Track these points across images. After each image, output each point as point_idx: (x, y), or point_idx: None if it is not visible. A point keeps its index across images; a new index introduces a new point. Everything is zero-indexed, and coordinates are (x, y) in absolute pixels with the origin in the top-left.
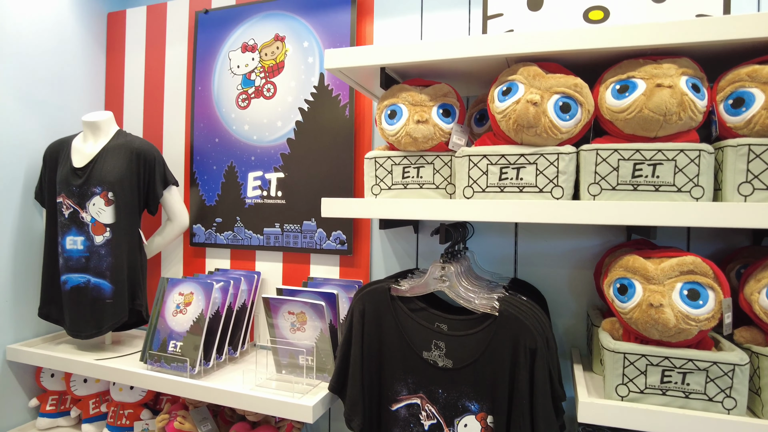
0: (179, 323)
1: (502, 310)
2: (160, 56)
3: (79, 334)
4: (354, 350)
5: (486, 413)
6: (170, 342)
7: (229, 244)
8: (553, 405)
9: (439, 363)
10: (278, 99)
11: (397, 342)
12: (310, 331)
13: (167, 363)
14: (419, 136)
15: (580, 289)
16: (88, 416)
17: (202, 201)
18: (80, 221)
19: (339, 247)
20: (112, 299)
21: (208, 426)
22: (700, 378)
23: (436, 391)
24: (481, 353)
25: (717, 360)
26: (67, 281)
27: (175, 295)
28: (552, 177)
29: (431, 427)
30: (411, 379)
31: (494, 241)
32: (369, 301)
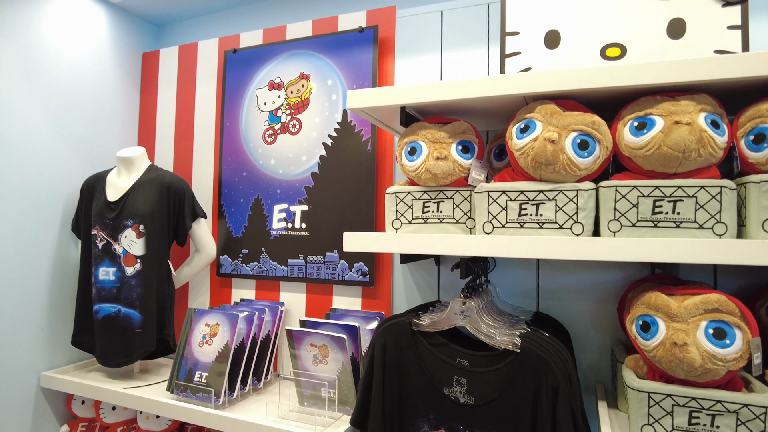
0: (205, 353)
1: (523, 347)
2: (191, 93)
3: (109, 362)
4: (375, 384)
5: None
6: (196, 372)
7: (254, 274)
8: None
9: (460, 399)
10: (303, 134)
11: (418, 377)
12: (333, 363)
13: (193, 393)
14: (439, 172)
15: (604, 324)
16: None
17: (229, 233)
18: (113, 253)
19: (361, 278)
20: (141, 329)
21: None
22: (731, 421)
23: (457, 427)
24: (503, 390)
25: (748, 402)
26: (99, 311)
27: (201, 326)
28: (572, 213)
29: None
30: (433, 415)
31: (516, 274)
32: (390, 335)
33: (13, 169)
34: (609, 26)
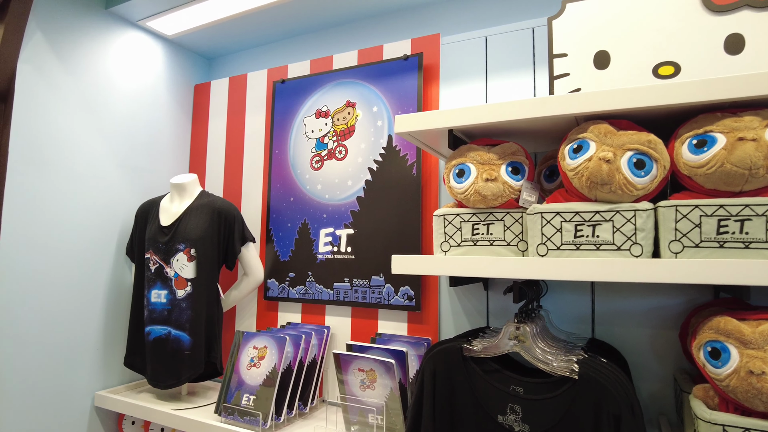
0: (253, 377)
1: (582, 374)
2: (241, 122)
3: (159, 384)
4: (425, 411)
5: None
6: (243, 395)
7: (300, 298)
8: None
9: (515, 428)
10: (349, 160)
11: (470, 404)
12: (380, 389)
13: (240, 416)
14: (488, 194)
15: (665, 351)
16: None
17: (276, 256)
18: (165, 276)
19: (407, 302)
20: (190, 351)
21: None
22: None
23: None
24: (561, 419)
25: None
26: (150, 332)
27: (249, 349)
28: (630, 234)
29: None
30: None
31: (570, 299)
32: (440, 361)
33: (75, 197)
34: (661, 45)
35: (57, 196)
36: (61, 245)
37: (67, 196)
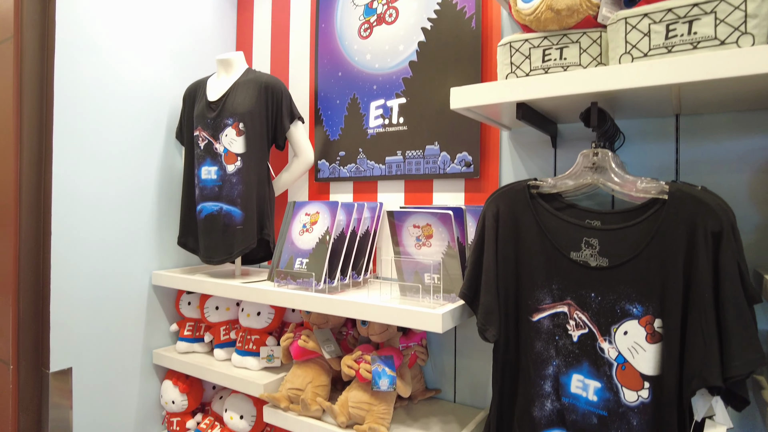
0: (305, 242)
1: (673, 192)
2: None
3: (212, 259)
4: (487, 256)
5: (652, 316)
6: (296, 260)
7: (351, 176)
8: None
9: (591, 263)
10: (400, 23)
11: (538, 244)
12: (437, 245)
13: (293, 279)
14: (562, 7)
15: (766, 197)
16: (220, 342)
17: (326, 136)
18: (214, 152)
19: (464, 169)
20: (242, 225)
21: (332, 347)
22: None
23: (587, 295)
24: (646, 245)
25: None
26: (202, 210)
27: (301, 216)
28: (738, 23)
29: (581, 337)
30: (556, 285)
31: (650, 149)
32: (504, 202)
33: (124, 83)
34: None
35: (105, 82)
36: (112, 132)
37: (116, 82)
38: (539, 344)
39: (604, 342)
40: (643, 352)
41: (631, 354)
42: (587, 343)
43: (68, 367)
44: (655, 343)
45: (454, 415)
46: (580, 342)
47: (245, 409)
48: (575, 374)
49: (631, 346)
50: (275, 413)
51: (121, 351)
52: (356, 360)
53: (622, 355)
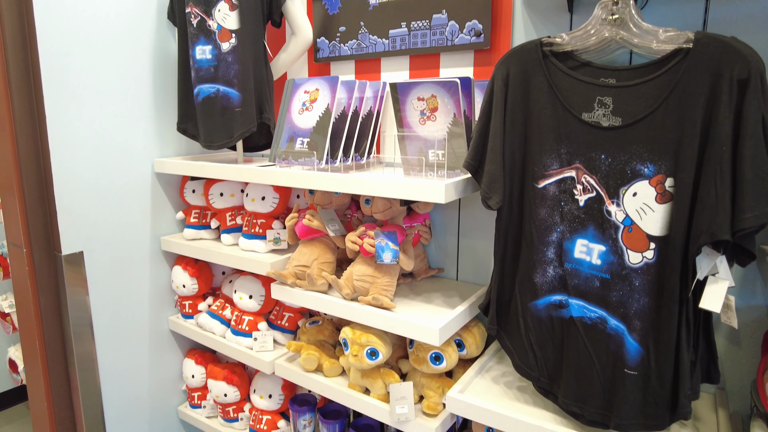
0: (305, 121)
1: (699, 38)
2: None
3: (212, 144)
4: (494, 122)
5: (664, 175)
6: (297, 140)
7: (353, 54)
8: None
9: (603, 123)
10: None
11: (549, 107)
12: (442, 119)
13: (295, 159)
14: None
15: None
16: (226, 227)
17: (325, 11)
18: (207, 29)
19: (474, 39)
20: (241, 107)
21: (336, 226)
22: None
23: (597, 157)
24: (663, 100)
25: None
26: (199, 93)
27: (300, 94)
28: None
29: (588, 201)
30: (565, 149)
31: (674, 9)
32: (515, 63)
33: None
34: None
35: None
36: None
37: None
38: (544, 211)
39: (611, 205)
40: (651, 213)
41: (638, 215)
42: (594, 207)
43: (79, 251)
44: (665, 203)
45: (456, 290)
46: (586, 206)
47: (254, 289)
48: (580, 239)
49: (640, 207)
50: (283, 289)
51: (130, 237)
52: (360, 236)
53: (629, 217)
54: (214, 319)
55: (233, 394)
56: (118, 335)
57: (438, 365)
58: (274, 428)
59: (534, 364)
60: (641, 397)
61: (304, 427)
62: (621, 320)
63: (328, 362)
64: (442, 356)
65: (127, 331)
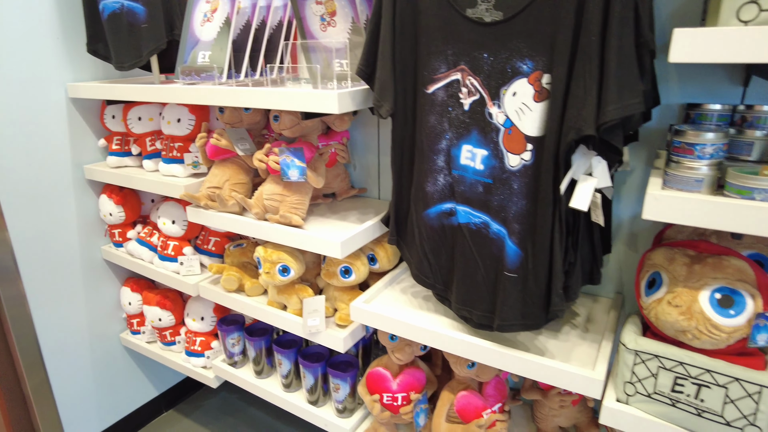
0: (207, 32)
1: None
2: None
3: (123, 64)
4: (384, 25)
5: (541, 71)
6: (199, 53)
7: None
8: (637, 53)
9: (485, 18)
10: None
11: (435, 4)
12: (341, 24)
13: (198, 74)
14: None
15: None
16: (147, 153)
17: None
18: None
19: None
20: (147, 23)
21: (246, 145)
22: None
23: (480, 57)
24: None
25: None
26: (104, 9)
27: (202, 3)
28: None
29: (473, 104)
30: (451, 50)
31: None
32: None
33: None
34: None
35: None
36: None
37: None
38: (433, 118)
39: (493, 107)
40: (529, 112)
41: (517, 116)
42: (477, 110)
43: None
44: (542, 102)
45: (374, 208)
46: (471, 110)
47: (176, 214)
48: (465, 145)
49: (519, 107)
50: (197, 212)
51: (50, 168)
52: (266, 153)
53: (509, 119)
54: (143, 246)
55: (167, 318)
56: (47, 269)
57: (347, 278)
58: (208, 348)
59: (429, 272)
60: (521, 299)
61: (233, 346)
62: (502, 224)
63: (250, 282)
64: (350, 269)
65: (57, 264)
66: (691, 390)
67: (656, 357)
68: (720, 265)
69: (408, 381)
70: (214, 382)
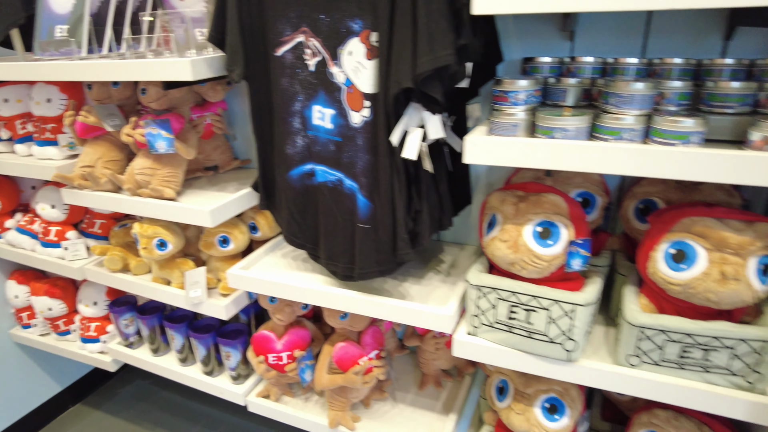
0: (62, 4)
1: None
2: None
3: None
4: None
5: (370, 30)
6: (56, 28)
7: None
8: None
9: None
10: None
11: None
12: None
13: (56, 49)
14: None
15: None
16: (18, 137)
17: None
18: None
19: None
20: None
21: (116, 121)
22: None
23: (318, 18)
24: None
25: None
26: None
27: None
28: None
29: (317, 65)
30: (293, 12)
31: None
32: None
33: None
34: None
35: None
36: None
37: None
38: (285, 80)
39: (333, 66)
40: (364, 71)
41: (355, 74)
42: (321, 70)
43: None
44: (373, 59)
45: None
46: (316, 71)
47: (55, 198)
48: (315, 105)
49: (355, 66)
50: (72, 193)
51: None
52: (133, 127)
53: (349, 78)
54: (23, 235)
55: (58, 307)
56: None
57: (226, 247)
58: (103, 333)
59: (299, 232)
60: (374, 247)
61: (126, 327)
62: (353, 179)
63: (135, 261)
64: (228, 239)
65: None
66: (522, 315)
67: (494, 290)
68: (539, 201)
69: (292, 340)
70: (112, 365)
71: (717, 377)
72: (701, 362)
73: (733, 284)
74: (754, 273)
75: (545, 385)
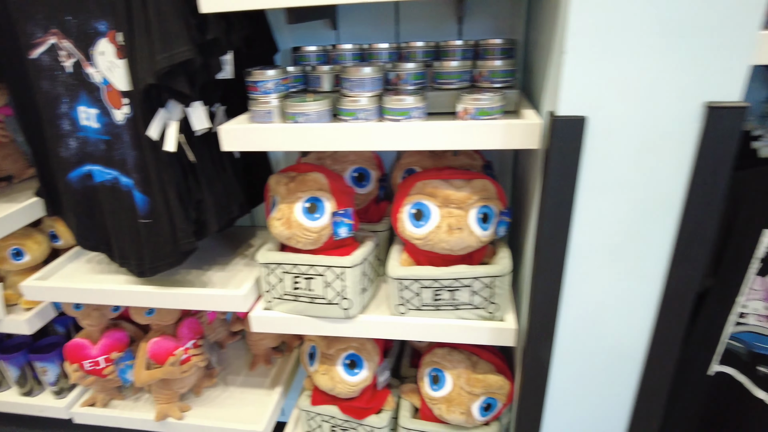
0: None
1: None
2: None
3: None
4: None
5: (115, 30)
6: None
7: None
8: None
9: None
10: None
11: None
12: None
13: None
14: None
15: None
16: None
17: None
18: None
19: None
20: None
21: None
22: None
23: (66, 20)
24: None
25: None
26: None
27: None
28: None
29: (74, 66)
30: (41, 14)
31: None
32: None
33: None
34: None
35: None
36: None
37: None
38: (46, 83)
39: (89, 67)
40: (117, 69)
41: (111, 73)
42: (78, 71)
43: None
44: (124, 58)
45: None
46: (75, 73)
47: None
48: (79, 106)
49: (108, 65)
50: None
51: None
52: None
53: (106, 77)
54: None
55: None
56: None
57: (20, 260)
58: None
59: (89, 235)
60: (159, 241)
61: None
62: (127, 176)
63: None
64: (22, 250)
65: None
66: (304, 284)
67: (279, 264)
68: (305, 180)
69: (108, 343)
70: None
71: (466, 312)
72: (451, 302)
73: (458, 233)
74: (475, 221)
75: (344, 344)
